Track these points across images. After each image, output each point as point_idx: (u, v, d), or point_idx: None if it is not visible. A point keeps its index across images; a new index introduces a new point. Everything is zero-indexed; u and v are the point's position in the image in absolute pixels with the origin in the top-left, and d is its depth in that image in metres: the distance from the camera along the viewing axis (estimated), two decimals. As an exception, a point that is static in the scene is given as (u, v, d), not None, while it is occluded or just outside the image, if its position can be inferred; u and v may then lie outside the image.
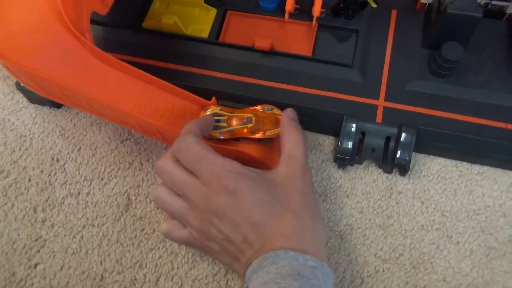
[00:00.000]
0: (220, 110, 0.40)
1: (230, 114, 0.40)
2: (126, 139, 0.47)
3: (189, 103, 0.42)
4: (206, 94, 0.42)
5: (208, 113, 0.40)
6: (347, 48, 0.47)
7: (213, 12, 0.49)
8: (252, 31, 0.48)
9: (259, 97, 0.44)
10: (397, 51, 0.46)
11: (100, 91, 0.37)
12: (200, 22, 0.49)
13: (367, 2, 0.47)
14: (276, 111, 0.41)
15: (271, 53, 0.46)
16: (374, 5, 0.47)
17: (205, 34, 0.48)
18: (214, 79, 0.46)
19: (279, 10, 0.48)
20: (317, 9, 0.45)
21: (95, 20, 0.47)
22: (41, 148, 0.46)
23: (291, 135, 0.39)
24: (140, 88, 0.39)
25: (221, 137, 0.40)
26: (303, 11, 0.48)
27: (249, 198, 0.34)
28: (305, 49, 0.47)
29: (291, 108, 0.41)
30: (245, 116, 0.40)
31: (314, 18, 0.45)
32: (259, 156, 0.40)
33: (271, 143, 0.42)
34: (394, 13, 0.48)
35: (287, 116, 0.40)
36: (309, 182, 0.37)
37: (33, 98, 0.48)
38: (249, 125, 0.40)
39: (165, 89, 0.40)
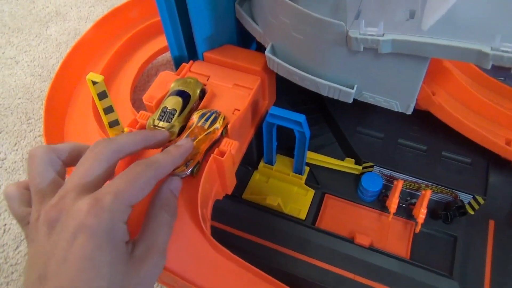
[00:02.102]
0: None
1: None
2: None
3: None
4: (299, 282, 0.42)
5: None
6: (445, 255, 0.46)
7: (311, 193, 0.51)
8: (349, 218, 0.49)
9: (354, 294, 0.43)
10: (497, 268, 0.45)
11: (212, 283, 0.37)
12: (298, 202, 0.50)
13: (466, 210, 0.48)
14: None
15: (370, 249, 0.46)
16: (472, 212, 0.48)
17: (302, 215, 0.49)
18: (309, 265, 0.46)
19: (377, 201, 0.50)
20: (421, 216, 0.45)
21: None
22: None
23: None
24: (246, 280, 0.40)
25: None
26: (400, 205, 0.49)
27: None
28: (402, 249, 0.47)
29: (177, 178, 0.34)
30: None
31: (418, 227, 0.46)
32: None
33: None
34: (492, 223, 0.49)
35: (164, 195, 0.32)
36: None
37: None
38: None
39: (268, 281, 0.40)
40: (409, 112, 0.37)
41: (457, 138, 0.47)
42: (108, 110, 0.34)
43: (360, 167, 0.50)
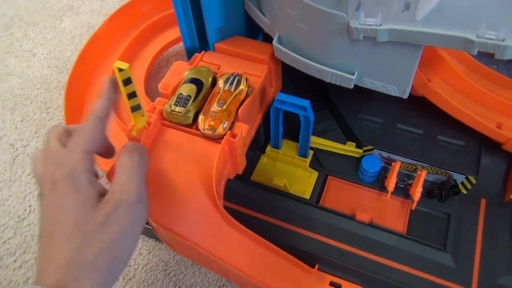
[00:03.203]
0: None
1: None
2: (223, 285, 0.49)
3: (294, 267, 0.45)
4: (304, 255, 0.45)
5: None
6: (439, 230, 0.50)
7: (314, 175, 0.54)
8: (350, 198, 0.53)
9: (355, 267, 0.47)
10: (487, 242, 0.49)
11: (224, 252, 0.41)
12: (303, 183, 0.54)
13: (460, 190, 0.51)
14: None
15: (370, 225, 0.50)
16: (465, 191, 0.52)
17: (307, 195, 0.53)
18: (313, 241, 0.49)
19: (376, 181, 0.53)
20: (417, 194, 0.49)
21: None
22: (143, 281, 0.50)
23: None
24: (256, 252, 0.43)
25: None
26: (397, 186, 0.52)
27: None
28: (399, 225, 0.50)
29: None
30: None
31: (414, 204, 0.49)
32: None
33: None
34: (483, 201, 0.52)
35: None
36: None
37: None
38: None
39: (275, 252, 0.44)
40: (405, 96, 0.41)
41: (451, 123, 0.51)
42: (132, 95, 0.38)
43: (361, 150, 0.54)
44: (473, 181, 0.50)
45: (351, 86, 0.41)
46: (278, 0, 0.40)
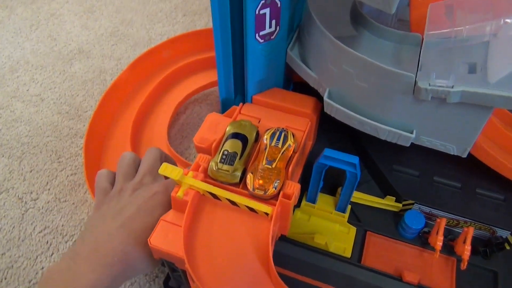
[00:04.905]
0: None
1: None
2: None
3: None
4: None
5: None
6: (489, 290, 0.48)
7: (353, 230, 0.52)
8: (393, 256, 0.50)
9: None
10: (538, 301, 0.47)
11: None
12: (342, 240, 0.51)
13: (504, 246, 0.50)
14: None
15: (419, 286, 0.47)
16: (509, 247, 0.50)
17: (347, 253, 0.50)
18: (359, 304, 0.46)
19: (417, 237, 0.51)
20: (466, 253, 0.47)
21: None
22: None
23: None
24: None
25: None
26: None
27: None
28: (446, 285, 0.48)
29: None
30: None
31: (464, 263, 0.47)
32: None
33: None
34: (528, 258, 0.51)
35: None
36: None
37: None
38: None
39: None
40: (465, 155, 0.40)
41: (489, 175, 0.50)
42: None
43: (400, 205, 0.52)
44: (519, 237, 0.49)
45: (408, 145, 0.40)
46: (332, 55, 0.39)
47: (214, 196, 0.39)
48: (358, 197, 0.53)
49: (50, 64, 0.80)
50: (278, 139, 0.43)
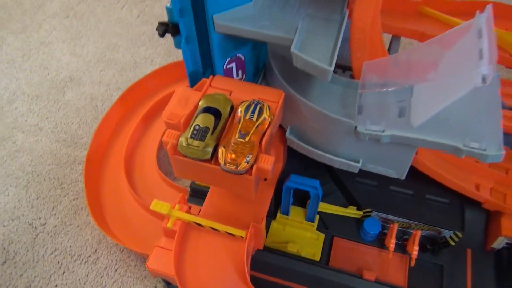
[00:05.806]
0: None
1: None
2: None
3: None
4: None
5: None
6: (435, 281, 0.57)
7: (321, 237, 0.61)
8: (355, 256, 0.59)
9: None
10: (476, 286, 0.56)
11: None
12: (312, 246, 0.60)
13: (449, 243, 0.59)
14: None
15: (376, 282, 0.56)
16: (453, 243, 0.59)
17: (317, 257, 0.59)
18: (327, 300, 0.55)
19: (376, 239, 0.60)
20: (414, 252, 0.56)
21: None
22: None
23: None
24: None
25: None
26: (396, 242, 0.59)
27: None
28: (400, 279, 0.57)
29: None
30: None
31: (413, 261, 0.56)
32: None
33: None
34: (469, 251, 0.60)
35: None
36: None
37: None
38: None
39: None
40: (403, 177, 0.48)
41: (436, 182, 0.58)
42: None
43: (361, 212, 0.61)
44: (460, 235, 0.58)
45: (356, 171, 0.48)
46: (290, 102, 0.47)
47: (199, 224, 0.47)
48: (325, 207, 0.62)
49: (44, 93, 0.86)
50: (253, 111, 0.41)
